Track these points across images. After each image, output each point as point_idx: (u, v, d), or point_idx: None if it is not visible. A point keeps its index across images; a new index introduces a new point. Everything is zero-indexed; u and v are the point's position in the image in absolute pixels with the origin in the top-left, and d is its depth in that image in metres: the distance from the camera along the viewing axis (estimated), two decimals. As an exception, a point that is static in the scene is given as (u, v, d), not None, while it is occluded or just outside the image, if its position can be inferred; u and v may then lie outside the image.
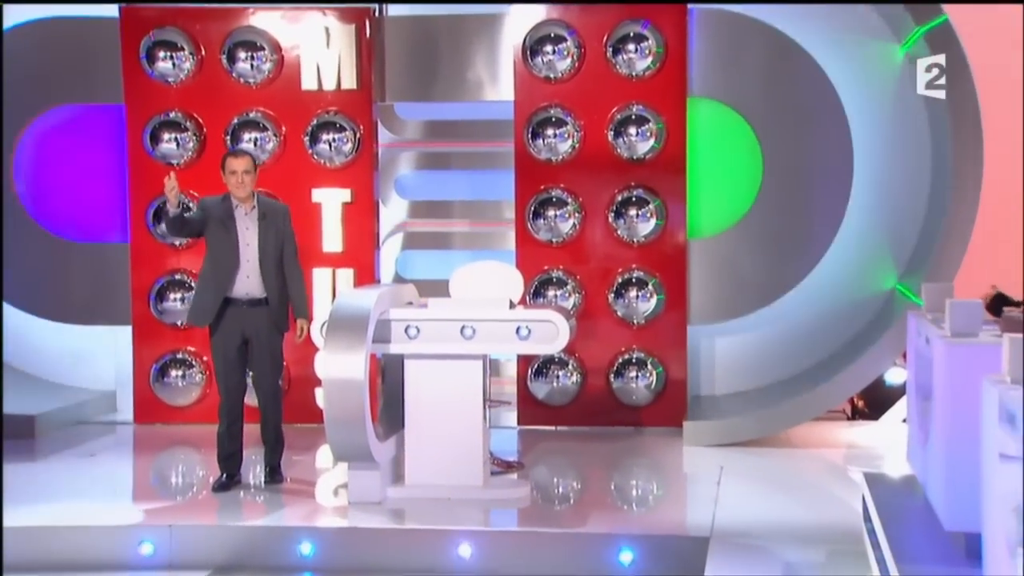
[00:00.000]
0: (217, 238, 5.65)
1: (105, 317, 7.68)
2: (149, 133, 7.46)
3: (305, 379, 7.29)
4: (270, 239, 5.68)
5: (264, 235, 5.67)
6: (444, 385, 5.54)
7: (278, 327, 5.75)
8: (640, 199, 7.25)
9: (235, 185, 5.64)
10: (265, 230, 5.67)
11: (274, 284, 5.69)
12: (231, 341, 5.64)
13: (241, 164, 5.66)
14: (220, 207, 5.68)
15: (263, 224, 5.68)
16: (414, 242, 7.74)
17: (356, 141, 7.33)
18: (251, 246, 5.65)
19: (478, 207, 7.70)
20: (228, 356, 5.65)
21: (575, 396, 7.33)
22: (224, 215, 5.64)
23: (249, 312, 5.64)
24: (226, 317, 5.61)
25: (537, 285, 7.31)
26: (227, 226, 5.61)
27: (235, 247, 5.63)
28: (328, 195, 7.40)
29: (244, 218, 5.68)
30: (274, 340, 5.73)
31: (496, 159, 7.57)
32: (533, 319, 5.47)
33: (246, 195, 5.64)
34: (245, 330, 5.65)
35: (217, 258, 5.66)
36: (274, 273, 5.70)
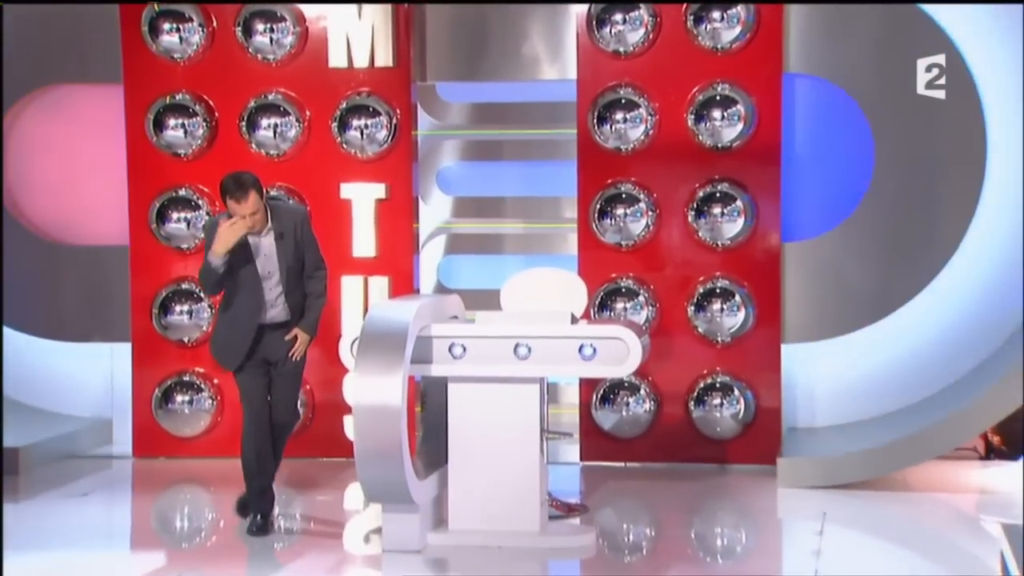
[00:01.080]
0: (235, 269, 5.63)
1: (100, 333, 7.72)
2: (152, 118, 7.46)
3: (332, 406, 7.30)
4: (290, 257, 5.69)
5: (284, 256, 5.68)
6: (494, 413, 5.53)
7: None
8: (726, 195, 7.18)
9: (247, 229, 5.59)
10: (284, 251, 5.69)
11: (297, 305, 5.75)
12: (258, 368, 5.72)
13: (247, 208, 5.55)
14: None
15: (281, 245, 5.68)
16: (459, 245, 7.73)
17: (392, 128, 7.33)
18: (273, 275, 5.67)
19: (534, 204, 7.68)
20: (255, 384, 5.69)
21: (648, 427, 7.28)
22: (239, 246, 5.61)
23: (273, 335, 5.71)
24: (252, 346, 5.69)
25: (603, 296, 7.26)
26: (244, 256, 5.60)
27: (256, 283, 5.64)
28: (359, 191, 7.40)
29: (261, 243, 5.68)
30: (298, 363, 5.79)
31: (556, 148, 7.55)
32: (599, 336, 5.45)
33: (259, 229, 5.62)
34: (268, 354, 5.72)
35: (238, 294, 5.67)
36: (297, 293, 5.76)
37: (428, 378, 5.80)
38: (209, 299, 7.31)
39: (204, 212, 7.47)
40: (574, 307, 5.77)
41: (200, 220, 7.45)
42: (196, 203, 7.46)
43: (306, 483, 6.87)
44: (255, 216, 5.55)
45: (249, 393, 5.73)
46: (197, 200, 7.47)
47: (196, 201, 7.47)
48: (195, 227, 7.47)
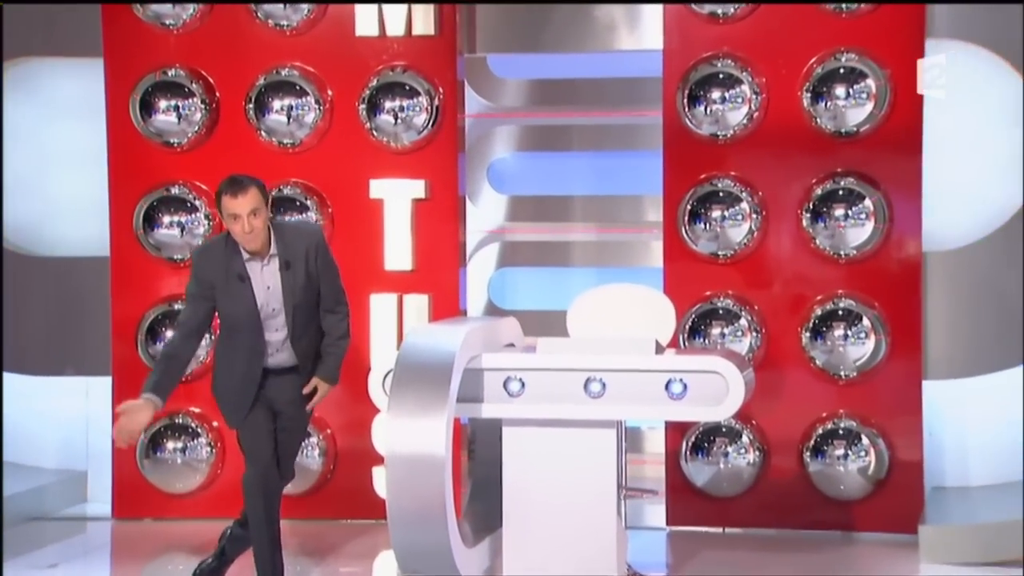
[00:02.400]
0: (230, 307, 5.61)
1: (73, 364, 7.76)
2: (138, 100, 7.42)
3: (358, 455, 7.26)
4: (299, 293, 5.65)
5: (291, 290, 5.64)
6: (560, 465, 5.53)
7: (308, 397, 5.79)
8: (851, 193, 7.08)
9: (241, 235, 5.55)
10: (292, 283, 5.64)
11: (307, 349, 5.72)
12: (261, 417, 5.73)
13: (245, 203, 5.51)
14: (225, 263, 5.61)
15: (288, 276, 5.64)
16: (516, 256, 7.77)
17: (433, 111, 7.29)
18: (278, 313, 5.63)
19: (609, 205, 7.68)
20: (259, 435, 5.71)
21: (752, 484, 7.20)
22: (231, 274, 5.59)
23: (278, 381, 5.73)
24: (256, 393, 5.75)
25: (695, 319, 7.20)
26: (240, 292, 5.59)
27: (256, 324, 5.60)
28: (393, 188, 7.37)
29: (262, 273, 5.63)
30: (302, 414, 5.81)
31: (636, 136, 7.55)
32: (690, 369, 5.44)
33: (259, 245, 5.58)
34: (275, 404, 5.75)
35: (235, 338, 5.65)
36: (308, 335, 5.72)
37: (478, 421, 5.86)
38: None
39: (202, 215, 7.42)
40: (659, 333, 5.77)
41: (197, 225, 7.40)
42: (192, 204, 7.41)
43: (326, 550, 6.86)
44: (254, 221, 5.50)
45: (254, 445, 5.71)
46: (193, 200, 7.41)
47: (192, 202, 7.42)
48: (190, 233, 7.41)
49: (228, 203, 5.51)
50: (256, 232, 5.53)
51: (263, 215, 5.56)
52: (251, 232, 5.52)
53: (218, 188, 5.58)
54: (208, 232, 7.32)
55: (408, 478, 5.21)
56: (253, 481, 5.68)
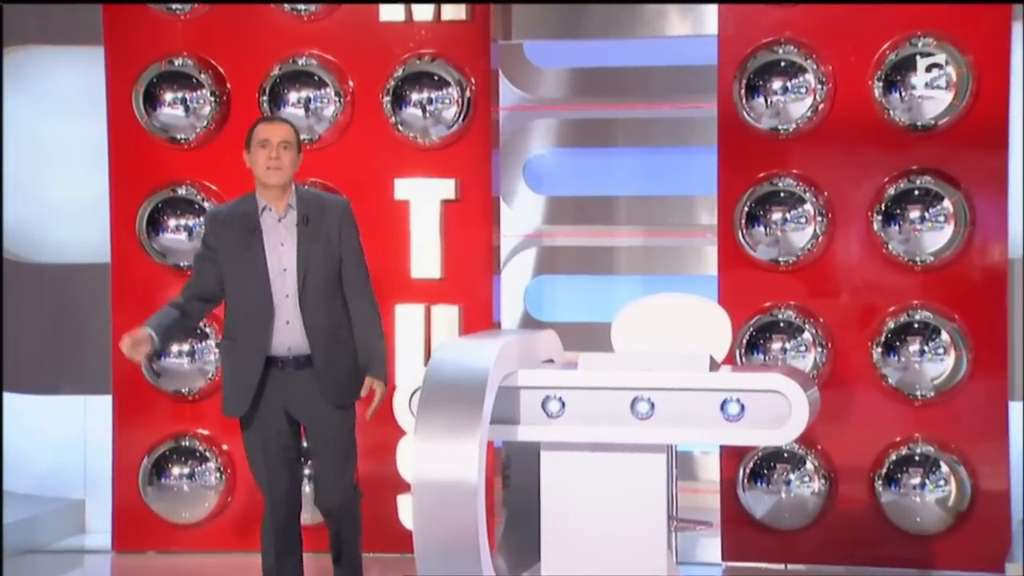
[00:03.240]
0: (238, 268, 5.62)
1: (70, 382, 7.79)
2: (142, 91, 7.38)
3: (382, 482, 7.12)
4: (316, 256, 5.64)
5: (306, 250, 5.62)
6: (604, 493, 5.44)
7: (335, 399, 5.66)
8: (928, 193, 6.99)
9: (265, 164, 5.59)
10: (308, 242, 5.63)
11: (323, 329, 5.63)
12: (271, 424, 5.62)
13: (278, 132, 5.64)
14: (237, 219, 5.65)
15: (304, 232, 5.63)
16: (555, 263, 7.70)
17: (464, 103, 7.25)
18: (289, 271, 5.61)
19: (657, 207, 7.61)
20: (269, 448, 5.63)
21: (816, 516, 7.09)
22: (244, 228, 5.61)
23: (295, 378, 5.63)
24: (263, 388, 5.64)
25: (754, 333, 7.11)
26: (249, 244, 5.60)
27: (263, 277, 5.59)
28: (420, 189, 7.31)
29: (275, 227, 5.63)
30: (332, 420, 5.68)
31: (688, 130, 7.50)
32: (748, 388, 5.31)
33: (282, 182, 5.60)
34: (291, 406, 5.63)
35: (240, 299, 5.62)
36: (323, 310, 5.64)
37: (513, 444, 5.84)
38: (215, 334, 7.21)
39: None
40: (713, 348, 5.68)
41: None
42: (200, 206, 7.32)
43: (347, 588, 6.69)
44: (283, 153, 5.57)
45: (261, 462, 5.63)
46: (202, 202, 7.34)
47: (200, 203, 7.34)
48: (198, 238, 6.97)
49: (261, 129, 5.62)
50: (282, 167, 5.57)
51: (293, 154, 5.62)
52: (277, 161, 5.56)
53: (251, 127, 5.70)
54: None
55: (437, 507, 5.09)
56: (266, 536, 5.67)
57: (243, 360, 5.59)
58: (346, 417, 5.70)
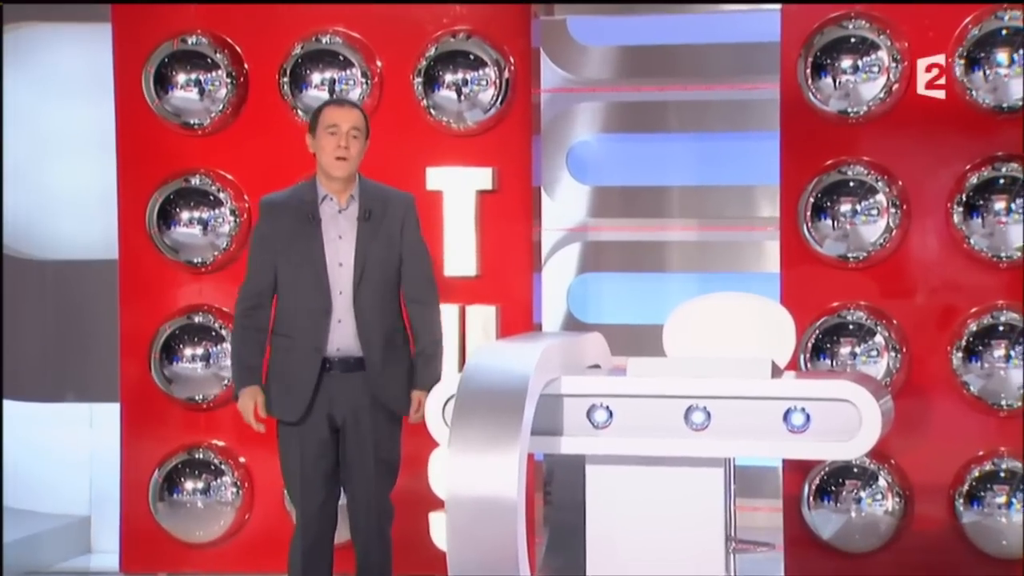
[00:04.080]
0: (293, 259, 5.67)
1: (74, 389, 7.82)
2: (153, 73, 7.31)
3: (413, 498, 6.96)
4: (376, 253, 5.69)
5: (366, 246, 5.67)
6: (656, 511, 5.36)
7: (386, 409, 5.70)
8: (1014, 182, 6.90)
9: (333, 153, 5.64)
10: (368, 238, 5.67)
11: (378, 332, 5.68)
12: (312, 430, 5.66)
13: (349, 117, 5.68)
14: (294, 207, 5.71)
15: (365, 227, 5.68)
16: (601, 259, 7.65)
17: (503, 85, 7.17)
18: (345, 267, 5.67)
19: (714, 198, 7.55)
20: (307, 456, 5.67)
21: (890, 537, 6.97)
22: (301, 217, 5.66)
23: (342, 382, 5.67)
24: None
25: (820, 336, 6.99)
26: (306, 234, 5.64)
27: (320, 269, 5.64)
28: (454, 178, 7.24)
29: (335, 218, 5.68)
30: (379, 430, 5.72)
31: (748, 114, 7.46)
32: (814, 396, 5.21)
33: (348, 174, 5.66)
34: (335, 412, 5.66)
35: (295, 293, 5.67)
36: (379, 311, 5.69)
37: (556, 457, 5.73)
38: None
39: (227, 210, 7.26)
40: (775, 352, 5.56)
41: (222, 223, 7.28)
42: (216, 197, 7.23)
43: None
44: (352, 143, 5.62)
45: (296, 472, 5.66)
46: (217, 193, 7.22)
47: (216, 195, 7.23)
48: (214, 232, 7.28)
49: (330, 113, 5.65)
50: (351, 157, 5.62)
51: (361, 144, 5.68)
52: (345, 150, 5.60)
53: (319, 107, 5.74)
54: (235, 231, 7.16)
55: (473, 526, 5.01)
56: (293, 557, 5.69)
57: (298, 359, 5.62)
58: (394, 429, 5.72)
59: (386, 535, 5.78)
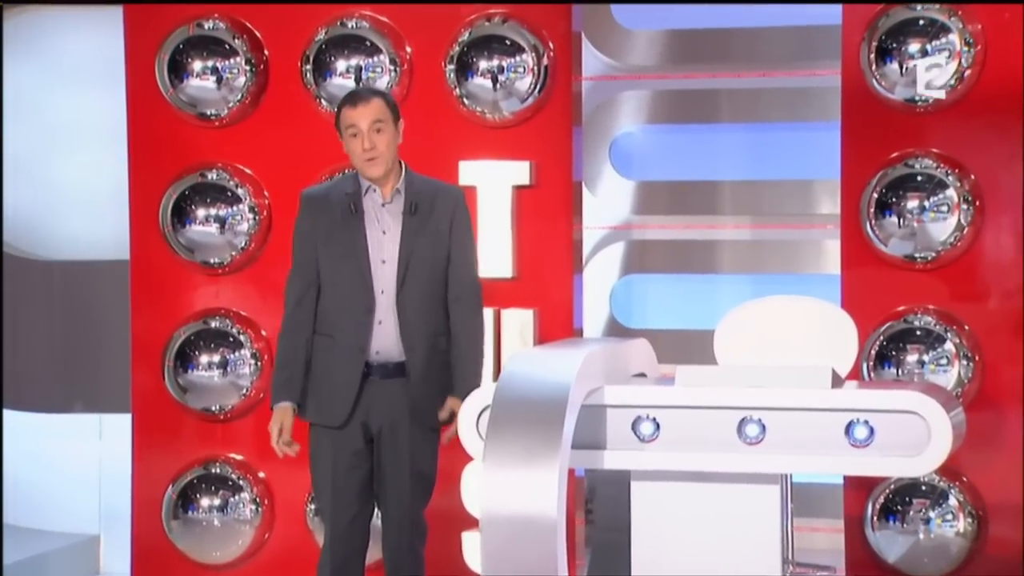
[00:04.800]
0: (335, 254, 5.71)
1: (83, 399, 7.85)
2: (167, 60, 7.29)
3: (445, 516, 6.83)
4: (421, 250, 5.71)
5: (411, 242, 5.69)
6: (706, 532, 5.30)
7: (426, 418, 5.72)
8: None
9: (361, 156, 5.65)
10: (413, 233, 5.69)
11: (421, 335, 5.70)
12: (346, 439, 5.68)
13: (366, 113, 5.65)
14: (336, 199, 5.75)
15: (411, 222, 5.69)
16: (647, 259, 7.58)
17: (541, 72, 7.10)
18: (388, 264, 5.68)
19: (769, 193, 7.46)
20: (339, 466, 5.68)
21: (962, 560, 6.85)
22: (344, 209, 5.70)
23: (380, 388, 5.69)
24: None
25: (884, 343, 6.86)
26: (349, 227, 5.68)
27: (363, 264, 5.67)
28: (489, 173, 7.18)
29: (379, 212, 5.71)
30: (417, 441, 5.73)
31: (806, 102, 7.38)
32: (879, 408, 5.14)
33: (383, 172, 5.67)
34: (372, 420, 5.69)
35: (337, 290, 5.71)
36: (423, 313, 5.71)
37: (599, 473, 5.63)
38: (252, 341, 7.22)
39: (246, 207, 7.23)
40: (836, 360, 5.45)
41: (240, 220, 7.25)
42: (234, 193, 7.20)
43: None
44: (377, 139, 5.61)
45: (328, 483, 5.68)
46: (235, 188, 7.19)
47: (234, 190, 7.20)
48: (232, 231, 7.24)
49: (346, 115, 5.64)
50: (380, 154, 5.62)
51: (390, 135, 5.66)
52: (372, 150, 5.60)
53: (339, 104, 5.74)
54: (254, 229, 7.15)
55: (509, 546, 4.96)
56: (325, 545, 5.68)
57: (339, 360, 5.63)
58: (432, 440, 5.71)
59: (419, 554, 5.75)
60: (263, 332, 7.11)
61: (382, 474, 5.68)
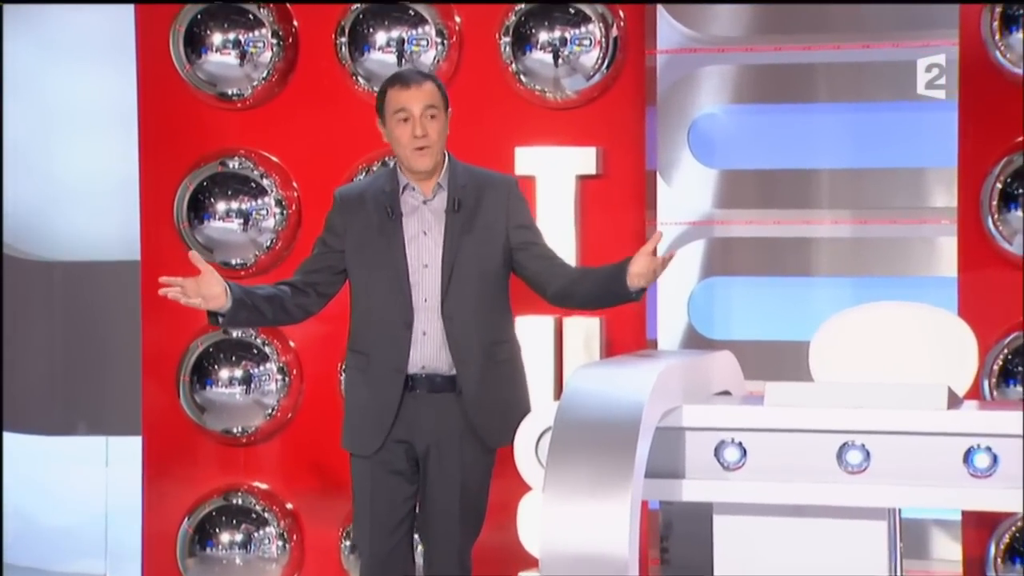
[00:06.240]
0: (368, 261, 5.71)
1: (87, 419, 7.92)
2: (183, 32, 7.24)
3: (500, 552, 6.96)
4: (468, 250, 5.69)
5: (456, 242, 5.68)
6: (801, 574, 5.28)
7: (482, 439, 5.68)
8: None
9: (410, 144, 5.63)
10: (458, 233, 5.68)
11: (473, 345, 5.68)
12: (387, 460, 5.65)
13: (419, 96, 5.63)
14: (371, 198, 5.73)
15: (455, 220, 5.67)
16: (730, 260, 7.50)
17: (610, 45, 7.01)
18: (431, 268, 5.68)
19: (873, 184, 7.35)
20: (380, 492, 5.68)
21: None
22: (380, 210, 5.68)
23: (427, 404, 5.66)
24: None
25: (1008, 356, 6.76)
26: (385, 230, 5.66)
27: (401, 271, 5.65)
28: (550, 160, 7.12)
29: (418, 211, 5.68)
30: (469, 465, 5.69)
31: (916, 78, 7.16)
32: (1002, 432, 5.06)
33: (434, 165, 5.66)
34: (416, 439, 5.65)
35: (371, 301, 5.69)
36: (473, 320, 5.69)
37: (676, 505, 5.70)
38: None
39: (272, 201, 7.23)
40: (952, 376, 5.41)
41: (266, 215, 7.21)
42: (258, 184, 7.17)
43: None
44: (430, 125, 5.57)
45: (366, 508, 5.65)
46: (260, 179, 7.14)
47: (258, 181, 7.15)
48: (256, 227, 7.21)
49: (395, 96, 5.60)
50: (431, 142, 5.58)
51: (442, 123, 5.63)
52: (424, 138, 5.55)
53: (383, 86, 5.72)
54: (281, 226, 7.13)
55: None
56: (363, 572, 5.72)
57: (376, 381, 5.65)
58: (486, 465, 5.68)
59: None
60: (291, 344, 7.10)
61: (427, 501, 5.66)
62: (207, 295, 5.43)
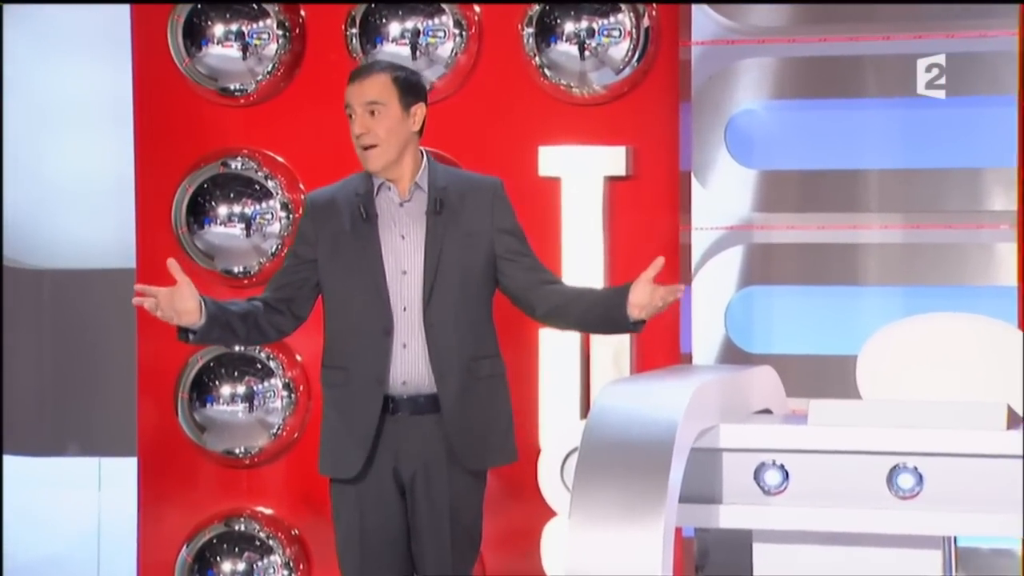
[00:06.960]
0: (342, 268, 5.70)
1: (79, 439, 7.93)
2: (181, 23, 7.19)
3: None
4: (450, 255, 5.66)
5: (437, 246, 5.66)
6: None
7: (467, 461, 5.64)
8: None
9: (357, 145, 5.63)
10: (439, 236, 5.66)
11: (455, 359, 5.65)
12: (373, 489, 5.63)
13: (360, 91, 5.64)
14: (343, 201, 5.73)
15: (436, 223, 5.65)
16: (771, 267, 7.44)
17: (640, 36, 6.96)
18: (410, 275, 5.64)
19: (926, 186, 7.28)
20: (369, 525, 5.65)
21: None
22: (353, 213, 5.67)
23: (410, 427, 5.63)
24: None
25: None
26: (360, 234, 5.64)
27: (378, 278, 5.63)
28: (576, 161, 7.08)
29: (395, 214, 5.67)
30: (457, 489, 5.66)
31: (975, 72, 7.20)
32: None
33: (383, 165, 5.61)
34: (402, 466, 5.63)
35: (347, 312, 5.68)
36: (455, 331, 5.65)
37: (713, 532, 5.75)
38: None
39: (276, 204, 7.21)
40: (1012, 395, 5.36)
41: (271, 219, 7.18)
42: (262, 187, 7.14)
43: None
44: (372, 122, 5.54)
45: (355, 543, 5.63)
46: (264, 181, 7.11)
47: (262, 183, 7.12)
48: (260, 232, 7.17)
49: (346, 93, 5.66)
50: (378, 140, 5.56)
51: (392, 119, 5.57)
52: (365, 135, 5.55)
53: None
54: (286, 231, 7.10)
55: None
56: None
57: (355, 396, 5.60)
58: (476, 488, 5.66)
59: None
60: (297, 358, 7.04)
61: (418, 530, 5.62)
62: (180, 309, 5.38)
